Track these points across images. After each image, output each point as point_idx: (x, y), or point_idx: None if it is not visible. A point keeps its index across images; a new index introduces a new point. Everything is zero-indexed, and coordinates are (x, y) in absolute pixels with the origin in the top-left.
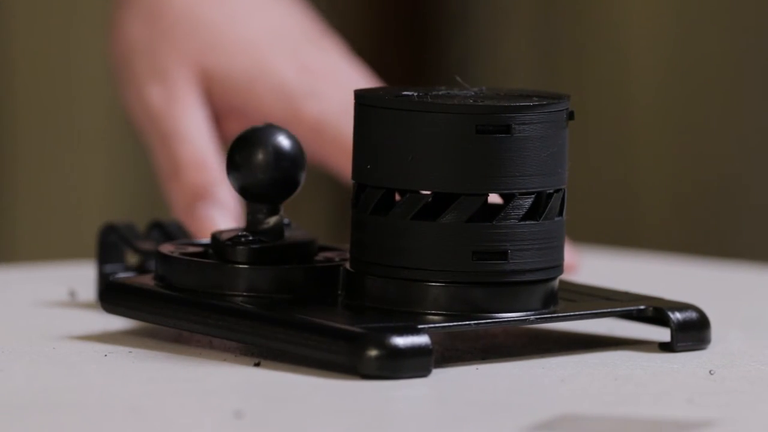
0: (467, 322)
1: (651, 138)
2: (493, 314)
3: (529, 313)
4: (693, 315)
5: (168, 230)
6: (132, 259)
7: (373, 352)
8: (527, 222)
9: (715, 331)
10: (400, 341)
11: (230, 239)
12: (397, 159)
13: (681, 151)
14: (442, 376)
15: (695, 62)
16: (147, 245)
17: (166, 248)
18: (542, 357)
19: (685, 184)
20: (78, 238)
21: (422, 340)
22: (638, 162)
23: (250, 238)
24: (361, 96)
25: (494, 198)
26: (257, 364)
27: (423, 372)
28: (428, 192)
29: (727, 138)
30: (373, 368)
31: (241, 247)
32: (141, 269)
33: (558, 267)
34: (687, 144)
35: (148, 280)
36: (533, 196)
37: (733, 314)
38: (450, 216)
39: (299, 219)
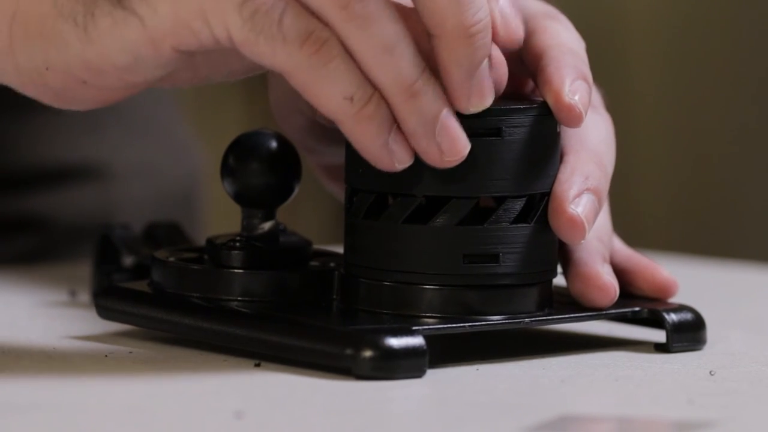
0: (461, 325)
1: (651, 138)
2: (487, 317)
3: (522, 315)
4: (688, 316)
5: (164, 233)
6: (128, 261)
7: (367, 353)
8: (519, 225)
9: (716, 331)
10: (395, 342)
11: (225, 244)
12: None
13: (681, 151)
14: (442, 377)
15: (696, 63)
16: (143, 248)
17: (161, 253)
18: (542, 357)
19: (685, 184)
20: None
21: (417, 341)
22: (638, 162)
23: (245, 242)
24: None
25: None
26: (257, 365)
27: (417, 373)
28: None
29: (727, 138)
30: (367, 369)
31: (236, 252)
32: (137, 272)
33: (550, 270)
34: (687, 144)
35: (143, 286)
36: (524, 198)
37: (733, 314)
38: (441, 219)
39: (297, 223)
